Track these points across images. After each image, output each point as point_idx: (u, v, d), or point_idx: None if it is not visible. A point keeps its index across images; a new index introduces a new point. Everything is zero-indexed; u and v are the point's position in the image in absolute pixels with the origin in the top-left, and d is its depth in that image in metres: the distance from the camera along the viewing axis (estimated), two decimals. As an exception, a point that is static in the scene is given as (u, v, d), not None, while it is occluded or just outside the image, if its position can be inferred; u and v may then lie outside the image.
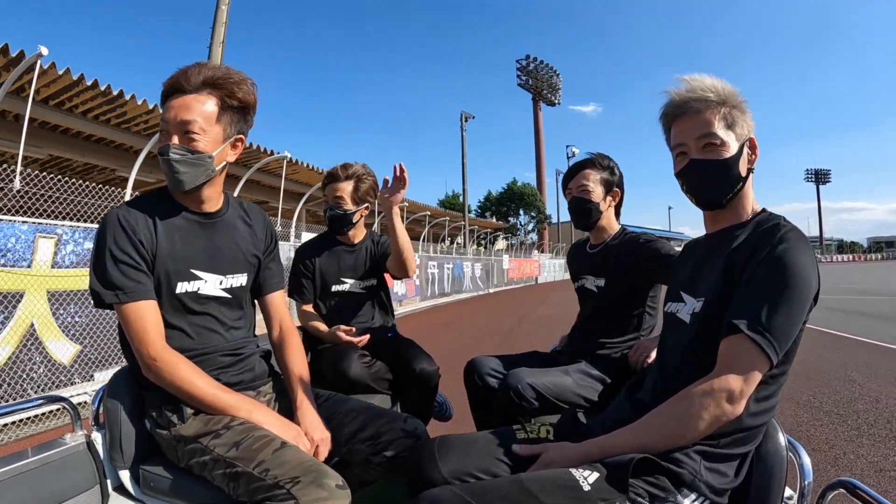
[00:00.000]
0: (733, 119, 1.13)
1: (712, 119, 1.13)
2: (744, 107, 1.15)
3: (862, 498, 0.92)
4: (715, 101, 1.13)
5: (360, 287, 2.28)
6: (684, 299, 1.19)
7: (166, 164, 1.25)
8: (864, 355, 5.83)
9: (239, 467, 1.13)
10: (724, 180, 1.14)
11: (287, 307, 1.59)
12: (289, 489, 1.05)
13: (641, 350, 1.72)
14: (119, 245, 1.23)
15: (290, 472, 1.08)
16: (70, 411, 1.35)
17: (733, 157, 1.12)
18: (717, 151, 1.13)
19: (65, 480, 1.25)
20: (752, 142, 1.15)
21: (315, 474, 1.07)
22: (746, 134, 1.14)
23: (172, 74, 1.28)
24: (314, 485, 1.05)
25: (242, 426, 1.23)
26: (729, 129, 1.13)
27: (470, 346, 6.94)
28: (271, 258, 1.55)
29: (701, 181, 1.17)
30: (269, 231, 1.55)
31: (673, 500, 1.01)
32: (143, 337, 1.22)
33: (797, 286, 0.98)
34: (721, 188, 1.15)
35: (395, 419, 1.41)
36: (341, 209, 2.20)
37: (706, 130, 1.13)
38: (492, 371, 1.86)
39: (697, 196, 1.19)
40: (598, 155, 1.93)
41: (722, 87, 1.14)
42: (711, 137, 1.13)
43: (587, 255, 2.03)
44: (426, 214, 16.34)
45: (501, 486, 1.00)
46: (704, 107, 1.13)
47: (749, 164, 1.15)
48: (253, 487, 1.10)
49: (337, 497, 1.05)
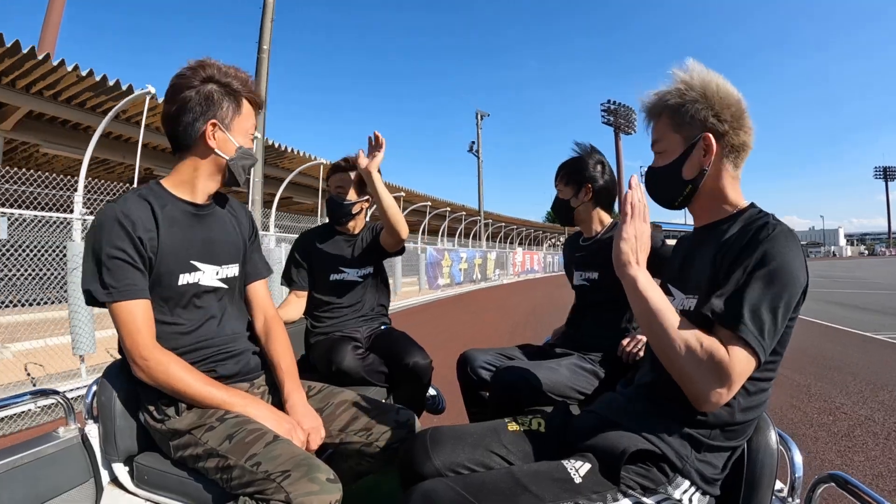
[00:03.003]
0: (681, 120, 1.12)
1: (659, 126, 1.17)
2: (705, 97, 1.09)
3: (852, 491, 0.93)
4: (664, 105, 1.14)
5: (357, 275, 2.28)
6: (673, 294, 1.20)
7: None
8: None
9: (231, 460, 1.13)
10: (666, 186, 1.18)
11: (270, 297, 1.59)
12: (279, 483, 1.05)
13: (633, 343, 1.72)
14: (114, 243, 1.21)
15: (281, 466, 1.08)
16: (63, 405, 1.35)
17: (672, 163, 1.14)
18: (662, 158, 1.17)
19: (59, 474, 1.25)
20: (706, 140, 1.10)
21: (306, 468, 1.07)
22: (697, 133, 1.11)
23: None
24: (305, 478, 1.05)
25: (236, 419, 1.23)
26: (675, 132, 1.13)
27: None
28: (254, 248, 1.57)
29: (650, 188, 1.22)
30: (250, 221, 1.58)
31: (664, 491, 1.01)
32: (135, 336, 1.22)
33: (786, 284, 0.97)
34: (666, 193, 1.19)
35: (388, 410, 1.42)
36: (341, 198, 2.23)
37: (654, 138, 1.19)
38: (485, 364, 1.87)
39: (653, 201, 1.23)
40: (574, 157, 2.00)
41: (681, 83, 1.12)
42: (656, 145, 1.19)
43: (579, 249, 2.04)
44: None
45: (494, 479, 1.01)
46: (654, 114, 1.17)
47: (703, 165, 1.11)
48: (245, 481, 1.10)
49: (328, 491, 1.05)
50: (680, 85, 1.12)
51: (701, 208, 1.18)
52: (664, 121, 1.14)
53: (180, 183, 1.37)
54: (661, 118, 1.15)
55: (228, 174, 1.37)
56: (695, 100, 1.10)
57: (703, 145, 1.11)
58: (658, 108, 1.15)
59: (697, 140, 1.11)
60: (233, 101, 1.35)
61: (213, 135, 1.33)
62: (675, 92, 1.12)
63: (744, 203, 1.14)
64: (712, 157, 1.11)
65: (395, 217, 2.05)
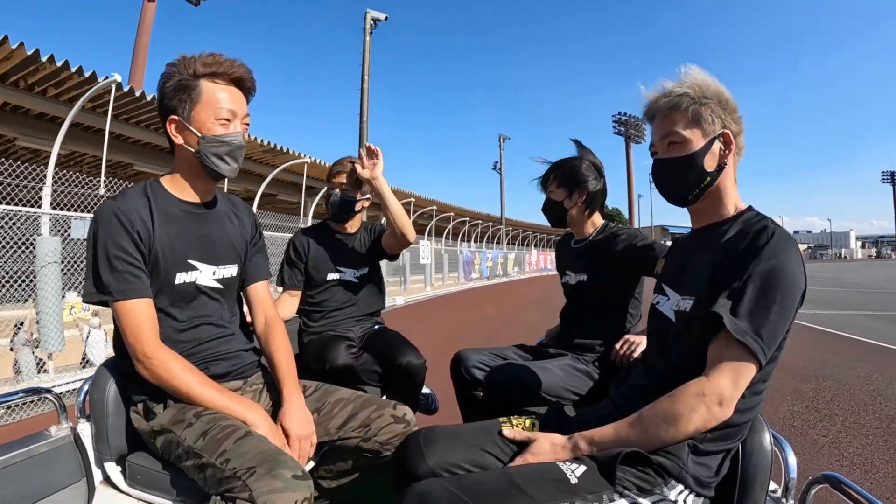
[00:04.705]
0: (700, 115, 1.11)
1: (677, 118, 1.13)
2: (720, 102, 1.12)
3: (846, 492, 0.93)
4: (683, 100, 1.12)
5: (354, 276, 2.28)
6: (668, 294, 1.20)
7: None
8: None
9: (204, 458, 1.11)
10: (686, 177, 1.14)
11: (271, 298, 1.59)
12: (245, 480, 1.02)
13: (627, 345, 1.72)
14: (115, 241, 1.21)
15: (247, 462, 1.05)
16: (55, 403, 1.34)
17: (695, 154, 1.11)
18: (679, 149, 1.13)
19: (50, 473, 1.24)
20: (727, 136, 1.12)
21: (271, 464, 1.04)
22: (718, 129, 1.12)
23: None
24: (269, 475, 1.01)
25: (212, 415, 1.21)
26: (694, 127, 1.12)
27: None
28: (256, 250, 1.56)
29: (664, 179, 1.19)
30: (254, 223, 1.57)
31: (659, 492, 1.01)
32: (138, 334, 1.21)
33: (785, 288, 0.98)
34: (684, 185, 1.15)
35: (385, 406, 1.42)
36: (350, 196, 2.24)
37: (668, 129, 1.14)
38: (478, 364, 1.86)
39: (664, 194, 1.20)
40: (566, 159, 1.99)
41: (695, 85, 1.12)
42: (673, 136, 1.14)
43: (571, 250, 2.05)
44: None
45: (490, 479, 1.01)
46: (671, 108, 1.14)
47: (721, 160, 1.12)
48: (217, 478, 1.08)
49: (293, 488, 1.01)
50: (697, 84, 1.13)
51: (706, 207, 1.17)
52: (684, 113, 1.12)
53: (174, 182, 1.37)
54: (680, 111, 1.13)
55: (203, 166, 1.33)
56: (713, 99, 1.12)
57: (723, 140, 1.12)
58: (681, 102, 1.13)
59: (718, 134, 1.11)
60: (186, 91, 1.28)
61: (176, 131, 1.31)
62: (696, 88, 1.12)
63: (742, 205, 1.15)
64: (731, 153, 1.12)
65: (402, 221, 2.11)
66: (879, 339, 7.03)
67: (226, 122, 1.31)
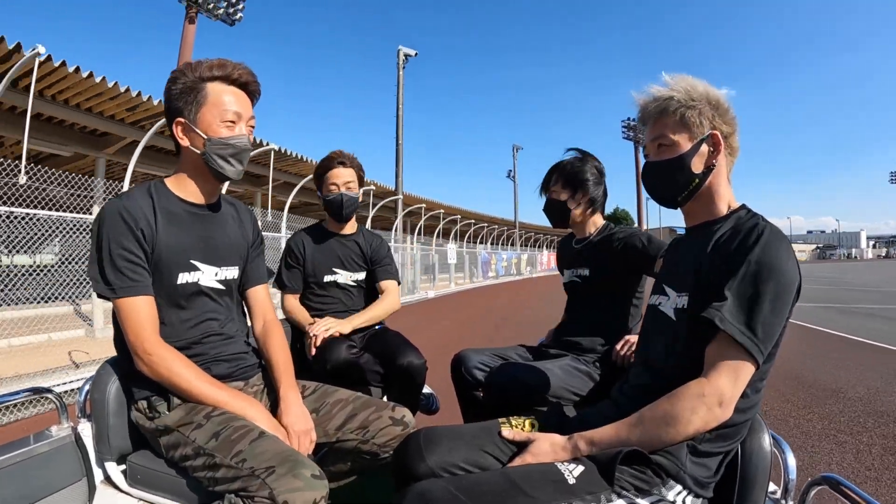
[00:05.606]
0: (688, 118, 1.13)
1: (665, 122, 1.16)
2: (709, 104, 1.13)
3: (845, 493, 0.93)
4: (671, 103, 1.14)
5: (351, 280, 2.30)
6: (667, 293, 1.20)
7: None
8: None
9: (217, 458, 1.13)
10: (674, 179, 1.16)
11: (271, 301, 1.60)
12: (264, 479, 1.04)
13: (628, 345, 1.72)
14: (118, 238, 1.23)
15: (266, 462, 1.07)
16: (56, 403, 1.34)
17: (682, 156, 1.13)
18: (667, 152, 1.16)
19: (51, 473, 1.25)
20: (715, 138, 1.13)
21: (291, 464, 1.06)
22: (706, 131, 1.13)
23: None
24: (290, 475, 1.04)
25: (222, 416, 1.22)
26: (682, 130, 1.14)
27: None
28: (257, 253, 1.58)
29: (654, 181, 1.21)
30: (255, 226, 1.59)
31: (658, 492, 1.01)
32: (139, 331, 1.23)
33: (780, 285, 0.98)
34: (672, 186, 1.17)
35: (384, 407, 1.42)
36: (353, 193, 2.25)
37: (657, 133, 1.17)
38: (479, 365, 1.87)
39: (654, 196, 1.22)
40: (569, 159, 2.00)
41: (683, 88, 1.14)
42: (662, 139, 1.17)
43: (572, 250, 2.06)
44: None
45: (489, 479, 1.01)
46: (659, 112, 1.16)
47: (709, 161, 1.14)
48: (231, 477, 1.10)
49: (312, 487, 1.04)
50: (684, 87, 1.14)
51: (698, 207, 1.19)
52: (673, 117, 1.15)
53: (178, 183, 1.39)
54: (670, 115, 1.15)
55: (209, 168, 1.35)
56: (701, 102, 1.13)
57: (711, 142, 1.13)
58: (668, 105, 1.15)
59: (706, 136, 1.13)
60: (191, 94, 1.31)
61: (182, 133, 1.34)
62: (684, 92, 1.14)
63: (736, 204, 1.17)
64: (719, 154, 1.14)
65: (384, 315, 2.24)
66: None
67: (231, 123, 1.34)
